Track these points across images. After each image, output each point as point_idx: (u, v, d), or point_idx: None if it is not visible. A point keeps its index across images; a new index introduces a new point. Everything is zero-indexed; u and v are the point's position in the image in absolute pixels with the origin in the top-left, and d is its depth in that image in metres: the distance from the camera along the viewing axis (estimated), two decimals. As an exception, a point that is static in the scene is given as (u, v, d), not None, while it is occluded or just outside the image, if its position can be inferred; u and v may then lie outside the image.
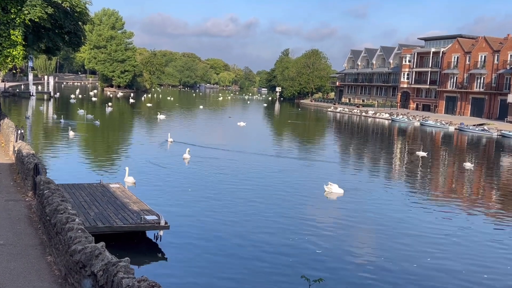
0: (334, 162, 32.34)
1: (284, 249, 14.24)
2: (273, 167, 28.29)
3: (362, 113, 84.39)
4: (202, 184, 22.20)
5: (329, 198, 20.97)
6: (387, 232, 16.49)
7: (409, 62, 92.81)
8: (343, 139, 49.03)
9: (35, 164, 14.27)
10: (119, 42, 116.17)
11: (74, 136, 35.22)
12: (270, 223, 16.67)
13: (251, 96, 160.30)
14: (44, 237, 10.61)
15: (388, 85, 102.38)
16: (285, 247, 14.42)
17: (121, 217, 13.74)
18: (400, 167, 32.48)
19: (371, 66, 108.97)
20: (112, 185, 17.66)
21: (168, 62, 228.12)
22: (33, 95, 77.80)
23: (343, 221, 17.64)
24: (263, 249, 14.15)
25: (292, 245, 14.61)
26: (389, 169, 31.54)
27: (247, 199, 19.79)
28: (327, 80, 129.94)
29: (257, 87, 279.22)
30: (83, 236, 8.14)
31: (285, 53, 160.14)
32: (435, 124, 65.38)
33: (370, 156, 36.67)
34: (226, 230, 15.62)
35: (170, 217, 14.60)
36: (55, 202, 10.34)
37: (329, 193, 21.21)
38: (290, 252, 13.97)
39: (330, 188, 21.41)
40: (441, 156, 39.81)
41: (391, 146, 45.72)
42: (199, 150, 31.31)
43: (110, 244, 11.45)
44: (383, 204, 20.37)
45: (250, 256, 13.60)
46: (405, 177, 28.54)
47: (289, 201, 20.08)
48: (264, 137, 46.37)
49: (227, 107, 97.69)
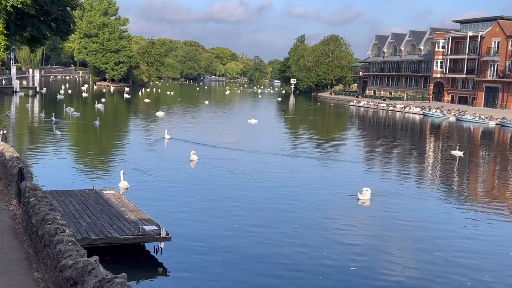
0: (357, 162, 32.24)
1: (309, 265, 13.98)
2: (289, 169, 28.28)
3: (389, 107, 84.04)
4: (209, 190, 22.21)
5: (356, 203, 20.88)
6: (428, 245, 16.25)
7: (443, 48, 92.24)
8: (367, 137, 48.85)
9: (20, 169, 14.38)
10: (112, 30, 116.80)
11: (60, 136, 35.52)
12: (291, 235, 16.46)
13: (262, 89, 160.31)
14: (31, 250, 10.69)
15: (418, 75, 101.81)
16: (310, 263, 14.15)
17: (116, 228, 13.80)
18: (433, 169, 32.26)
19: (399, 53, 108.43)
20: (106, 192, 17.75)
21: (168, 52, 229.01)
22: (16, 91, 78.50)
23: (374, 230, 17.58)
24: (285, 265, 13.92)
25: (317, 260, 14.37)
26: (420, 171, 31.35)
27: (261, 207, 19.74)
28: (348, 70, 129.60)
29: (269, 79, 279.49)
30: (74, 250, 8.18)
31: (301, 40, 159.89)
32: (473, 119, 64.93)
33: (399, 156, 36.50)
34: (237, 242, 15.55)
35: (172, 227, 14.63)
36: (42, 211, 10.42)
37: (364, 201, 21.07)
38: (316, 270, 13.68)
39: (365, 195, 21.19)
40: (480, 155, 39.50)
41: (422, 145, 45.47)
42: (203, 149, 31.36)
43: (104, 258, 11.52)
44: (415, 211, 20.25)
45: (266, 273, 13.41)
46: (439, 180, 28.33)
47: (310, 207, 20.01)
48: (279, 135, 46.33)
49: (235, 102, 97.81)
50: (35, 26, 27.77)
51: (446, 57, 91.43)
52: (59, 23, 28.48)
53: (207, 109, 72.28)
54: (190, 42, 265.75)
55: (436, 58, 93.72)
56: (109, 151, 33.09)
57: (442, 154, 38.62)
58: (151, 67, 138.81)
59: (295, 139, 45.79)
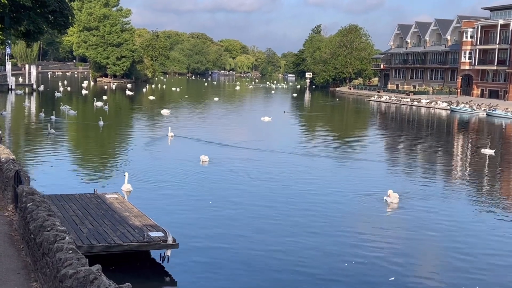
0: (381, 161, 32.16)
1: (332, 275, 13.88)
2: (307, 169, 28.25)
3: (413, 103, 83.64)
4: (220, 192, 22.22)
5: (383, 208, 20.81)
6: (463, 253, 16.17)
7: (471, 38, 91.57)
8: (390, 135, 48.66)
9: (16, 172, 14.47)
10: (114, 22, 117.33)
11: (54, 135, 35.83)
12: (310, 243, 16.34)
13: (275, 84, 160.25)
14: (28, 259, 10.76)
15: (445, 67, 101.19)
16: (334, 273, 14.03)
17: (120, 234, 13.86)
18: (462, 169, 32.06)
19: (423, 44, 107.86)
20: (108, 196, 17.84)
21: (173, 45, 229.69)
22: (12, 88, 79.12)
23: (404, 236, 17.57)
24: (306, 275, 13.81)
25: (344, 272, 14.19)
26: (447, 171, 31.16)
27: (278, 211, 19.62)
28: (368, 63, 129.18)
29: (282, 73, 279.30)
30: (74, 258, 8.23)
31: (316, 31, 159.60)
32: (505, 115, 64.40)
33: (424, 156, 36.32)
34: (250, 250, 15.53)
35: (179, 234, 14.67)
36: (40, 217, 10.48)
37: (389, 203, 21.01)
38: (343, 281, 13.57)
39: (391, 198, 21.18)
40: (514, 154, 39.23)
41: (450, 143, 45.23)
42: (213, 149, 31.39)
43: (107, 267, 11.58)
44: (446, 215, 20.18)
45: (285, 284, 13.35)
46: (468, 181, 28.15)
47: (332, 212, 19.94)
48: (295, 134, 46.27)
49: (246, 98, 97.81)
50: (31, 19, 27.89)
51: (475, 47, 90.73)
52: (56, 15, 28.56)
53: (217, 107, 72.31)
54: (197, 34, 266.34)
55: (464, 49, 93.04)
56: (111, 152, 33.24)
57: (472, 153, 38.34)
58: (155, 62, 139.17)
59: (312, 137, 45.71)
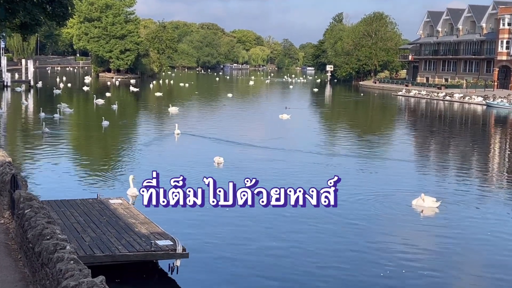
0: (410, 161, 32.16)
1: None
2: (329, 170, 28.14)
3: (445, 97, 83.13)
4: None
5: (417, 215, 20.73)
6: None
7: (509, 25, 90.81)
8: (420, 133, 48.44)
9: (13, 176, 14.56)
10: (117, 13, 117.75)
11: (48, 133, 36.16)
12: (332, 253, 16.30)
13: (294, 78, 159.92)
14: (26, 270, 10.82)
15: (480, 58, 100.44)
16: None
17: (125, 243, 13.91)
18: (500, 171, 31.85)
19: (456, 32, 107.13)
20: (112, 201, 17.91)
21: (182, 36, 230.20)
22: (8, 85, 79.71)
23: (441, 246, 17.47)
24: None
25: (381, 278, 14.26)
26: (483, 173, 30.93)
27: (296, 217, 19.50)
28: (395, 54, 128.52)
29: (301, 66, 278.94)
30: (76, 269, 8.27)
31: (338, 19, 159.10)
32: (547, 110, 63.89)
33: (458, 156, 36.19)
34: (265, 260, 15.54)
35: (189, 242, 14.70)
36: (39, 224, 10.54)
37: (419, 207, 20.95)
38: None
39: (422, 201, 21.08)
40: (557, 153, 38.90)
41: (485, 142, 44.90)
42: (226, 148, 31.41)
43: (111, 279, 11.62)
44: (485, 223, 20.08)
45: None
46: (507, 184, 27.96)
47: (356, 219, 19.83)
48: (316, 132, 46.19)
49: (261, 94, 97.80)
50: (28, 10, 28.03)
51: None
52: (55, 5, 28.66)
53: (232, 104, 72.33)
54: (207, 24, 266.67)
55: (501, 38, 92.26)
56: (115, 154, 33.36)
57: (510, 153, 38.03)
58: (162, 55, 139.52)
59: (335, 136, 45.58)
